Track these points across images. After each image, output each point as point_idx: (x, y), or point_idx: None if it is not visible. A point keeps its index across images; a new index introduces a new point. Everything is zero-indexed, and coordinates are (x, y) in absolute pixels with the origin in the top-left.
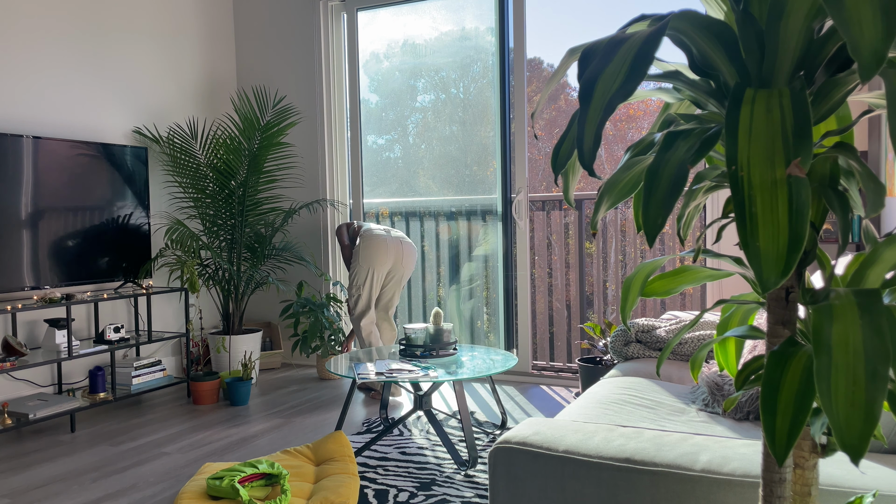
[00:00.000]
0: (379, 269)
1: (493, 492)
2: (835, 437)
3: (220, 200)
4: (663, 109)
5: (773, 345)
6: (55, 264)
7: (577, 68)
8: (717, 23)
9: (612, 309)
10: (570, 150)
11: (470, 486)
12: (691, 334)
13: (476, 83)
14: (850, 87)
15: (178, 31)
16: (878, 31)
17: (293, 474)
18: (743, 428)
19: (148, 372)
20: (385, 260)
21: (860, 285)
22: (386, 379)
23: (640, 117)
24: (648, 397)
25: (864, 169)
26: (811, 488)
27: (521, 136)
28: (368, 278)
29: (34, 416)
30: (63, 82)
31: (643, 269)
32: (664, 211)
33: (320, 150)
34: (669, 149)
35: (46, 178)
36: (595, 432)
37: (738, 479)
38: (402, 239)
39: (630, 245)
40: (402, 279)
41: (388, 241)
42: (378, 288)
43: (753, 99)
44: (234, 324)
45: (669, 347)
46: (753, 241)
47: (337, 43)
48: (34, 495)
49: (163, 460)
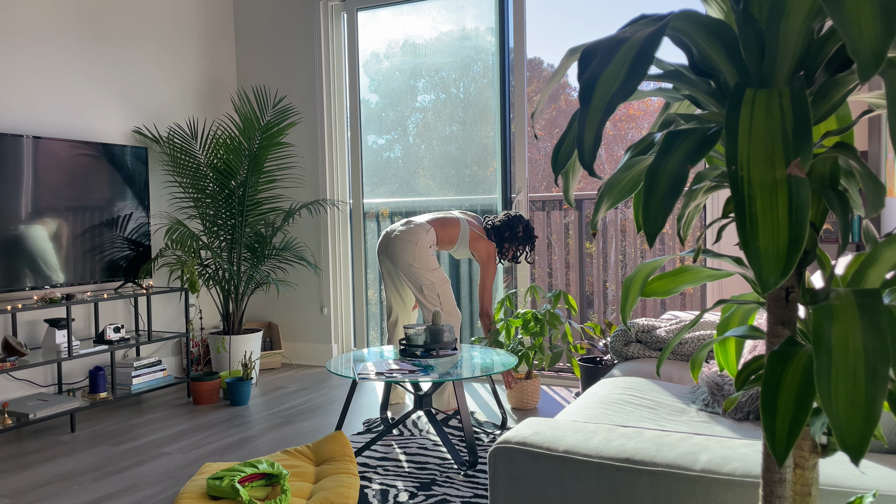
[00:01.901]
0: (384, 269)
1: (493, 492)
2: (835, 437)
3: (220, 200)
4: (663, 109)
5: (773, 345)
6: (55, 264)
7: (577, 68)
8: (717, 23)
9: (612, 309)
10: (570, 150)
11: (470, 486)
12: (691, 334)
13: (476, 83)
14: (850, 87)
15: (179, 31)
16: (877, 30)
17: (293, 474)
18: (743, 428)
19: (148, 372)
20: (383, 259)
21: (860, 285)
22: (386, 379)
23: (640, 117)
24: (648, 397)
25: (864, 169)
26: (811, 488)
27: (521, 136)
28: (384, 281)
29: (34, 416)
30: (63, 82)
31: (643, 269)
32: (664, 211)
33: (320, 150)
34: (669, 149)
35: (46, 178)
36: (595, 432)
37: (738, 479)
38: (393, 231)
39: (630, 245)
40: (407, 278)
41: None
42: (390, 289)
43: (753, 99)
44: (235, 324)
45: (669, 347)
46: (753, 241)
47: (337, 43)
48: (34, 495)
49: (163, 460)
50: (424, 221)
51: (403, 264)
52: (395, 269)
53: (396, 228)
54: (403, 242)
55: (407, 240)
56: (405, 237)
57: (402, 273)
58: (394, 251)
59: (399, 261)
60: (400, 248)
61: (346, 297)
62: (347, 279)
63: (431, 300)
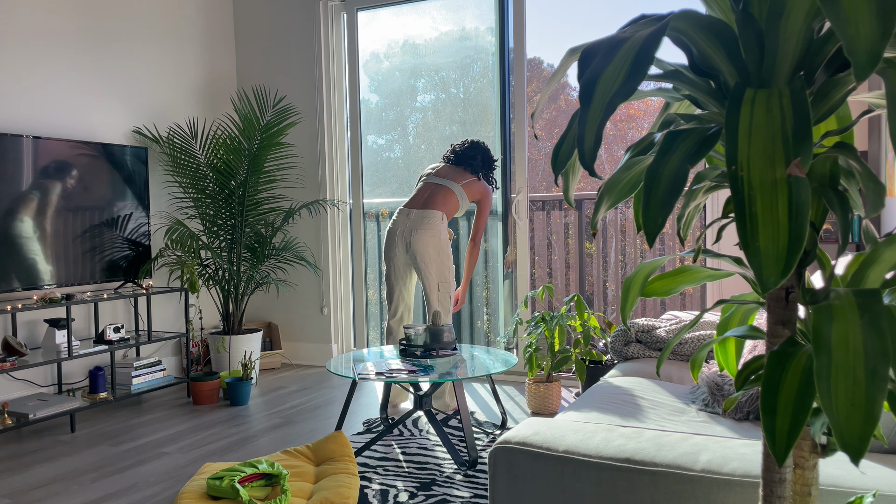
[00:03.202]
0: (394, 262)
1: (493, 492)
2: (835, 437)
3: (220, 200)
4: (663, 109)
5: (773, 345)
6: (55, 264)
7: (578, 68)
8: (717, 23)
9: (612, 309)
10: (570, 150)
11: (470, 486)
12: (691, 334)
13: (476, 83)
14: (850, 87)
15: (179, 30)
16: (873, 30)
17: (293, 474)
18: (743, 428)
19: (148, 372)
20: (398, 253)
21: (860, 285)
22: (386, 379)
23: (640, 117)
24: (648, 397)
25: (864, 169)
26: (811, 488)
27: (521, 136)
28: (387, 274)
29: (34, 416)
30: (63, 82)
31: (643, 269)
32: (664, 211)
33: (320, 150)
34: (669, 149)
35: (46, 178)
36: (595, 432)
37: (738, 479)
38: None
39: (630, 245)
40: (424, 273)
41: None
42: (399, 285)
43: (753, 99)
44: (234, 324)
45: (669, 347)
46: (753, 241)
47: (337, 43)
48: (34, 495)
49: (163, 460)
50: (435, 210)
51: (428, 259)
52: (409, 265)
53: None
54: (428, 236)
55: (431, 233)
56: (428, 230)
57: (424, 268)
58: (417, 246)
59: (424, 255)
60: (424, 242)
61: (346, 297)
62: (347, 279)
63: (443, 301)
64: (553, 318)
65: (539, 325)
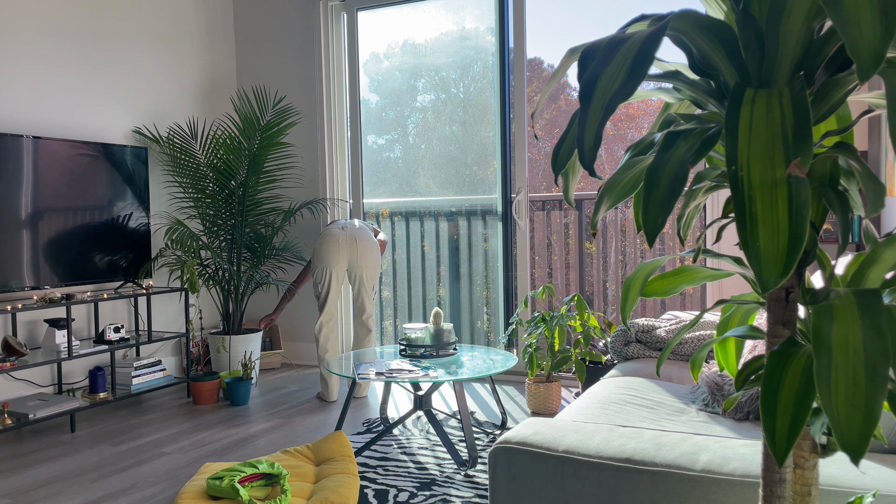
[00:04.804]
0: (335, 269)
1: (493, 492)
2: (835, 437)
3: (220, 200)
4: (663, 109)
5: (773, 345)
6: (55, 264)
7: (577, 68)
8: (717, 23)
9: (612, 309)
10: (570, 150)
11: (470, 486)
12: (691, 334)
13: (476, 83)
14: (850, 87)
15: (179, 30)
16: (876, 30)
17: (293, 474)
18: (743, 428)
19: (148, 372)
20: (338, 259)
21: (860, 285)
22: (386, 379)
23: (640, 117)
24: (648, 397)
25: (864, 169)
26: (811, 488)
27: (521, 136)
28: (325, 279)
29: (34, 416)
30: (63, 82)
31: (643, 269)
32: (664, 211)
33: (320, 150)
34: (669, 149)
35: (46, 178)
36: (595, 432)
37: (738, 479)
38: (359, 236)
39: (630, 245)
40: (365, 279)
41: (339, 239)
42: (338, 289)
43: (753, 99)
44: (235, 324)
45: (669, 347)
46: (753, 241)
47: (337, 43)
48: (34, 495)
49: (163, 460)
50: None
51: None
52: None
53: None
54: (371, 246)
55: (374, 244)
56: (371, 242)
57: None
58: (364, 256)
59: (370, 263)
60: (370, 252)
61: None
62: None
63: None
64: (553, 318)
65: (539, 325)
